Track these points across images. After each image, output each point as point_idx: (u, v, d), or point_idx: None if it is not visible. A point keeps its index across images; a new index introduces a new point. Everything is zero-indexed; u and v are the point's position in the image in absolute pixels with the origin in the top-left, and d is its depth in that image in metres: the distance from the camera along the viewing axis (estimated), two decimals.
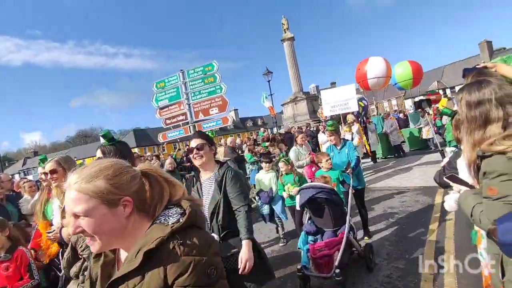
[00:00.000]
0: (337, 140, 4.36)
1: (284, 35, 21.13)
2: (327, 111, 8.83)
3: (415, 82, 14.37)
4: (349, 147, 4.24)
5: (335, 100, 8.43)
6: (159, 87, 8.24)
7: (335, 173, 3.93)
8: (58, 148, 65.41)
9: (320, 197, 3.06)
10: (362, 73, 13.44)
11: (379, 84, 13.46)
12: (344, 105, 8.32)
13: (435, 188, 5.74)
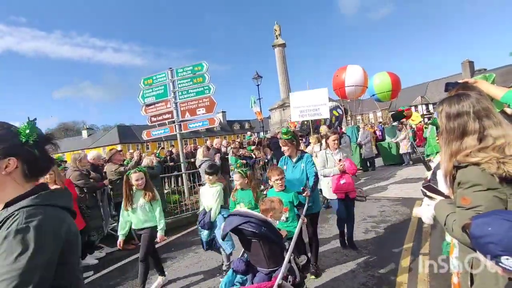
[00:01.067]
0: (293, 151, 3.50)
1: (276, 41, 21.29)
2: (296, 116, 7.90)
3: (393, 94, 13.92)
4: (306, 161, 3.44)
5: (305, 104, 7.63)
6: (147, 84, 8.11)
7: (288, 195, 3.07)
8: None
9: (246, 229, 2.28)
10: (340, 81, 13.17)
11: (356, 93, 13.21)
12: (314, 111, 7.59)
13: (413, 199, 5.88)
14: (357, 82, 12.82)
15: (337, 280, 3.31)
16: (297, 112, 7.74)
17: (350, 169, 4.01)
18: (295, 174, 3.46)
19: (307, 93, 7.77)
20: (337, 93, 13.33)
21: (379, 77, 13.86)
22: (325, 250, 4.16)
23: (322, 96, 7.61)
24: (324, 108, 7.54)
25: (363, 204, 6.32)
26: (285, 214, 2.93)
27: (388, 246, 4.04)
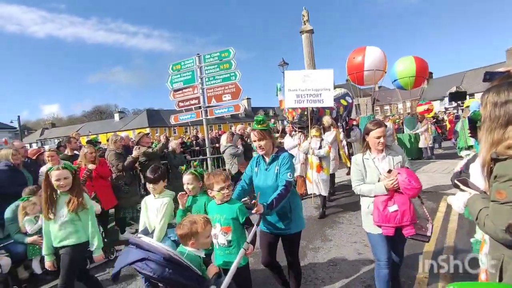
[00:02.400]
0: (269, 148, 2.55)
1: (303, 27, 20.73)
2: (290, 101, 6.02)
3: (417, 82, 12.30)
4: (281, 162, 2.47)
5: (304, 88, 5.88)
6: (175, 69, 8.32)
7: (232, 208, 2.28)
8: (74, 122, 66.93)
9: (141, 270, 1.63)
10: (357, 63, 11.55)
11: (375, 78, 11.67)
12: (315, 97, 5.84)
13: (440, 194, 5.72)
14: (377, 65, 11.34)
15: (356, 269, 3.36)
16: (292, 97, 5.93)
17: (409, 187, 2.46)
18: (268, 180, 2.50)
19: (307, 74, 6.03)
20: (352, 78, 11.87)
21: (403, 62, 12.52)
22: (345, 239, 4.20)
23: (327, 79, 5.89)
24: (327, 95, 5.84)
25: None
26: (227, 236, 2.23)
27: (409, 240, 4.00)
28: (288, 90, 6.05)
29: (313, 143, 5.52)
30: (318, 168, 5.43)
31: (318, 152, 5.38)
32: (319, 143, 5.49)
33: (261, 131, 2.51)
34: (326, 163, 5.55)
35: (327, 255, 3.77)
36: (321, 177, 5.39)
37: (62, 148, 6.57)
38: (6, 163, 4.26)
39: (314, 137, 5.55)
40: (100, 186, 4.65)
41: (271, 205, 2.25)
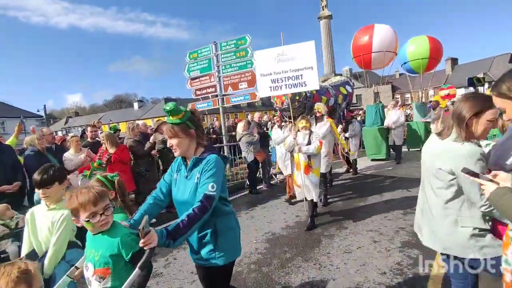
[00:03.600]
0: (185, 148, 1.82)
1: (322, 13, 20.17)
2: (265, 90, 4.87)
3: (431, 64, 10.93)
4: (203, 168, 1.75)
5: (279, 70, 4.66)
6: (192, 58, 8.37)
7: (111, 242, 1.54)
8: (96, 110, 69.12)
9: None
10: (363, 44, 10.02)
11: (384, 61, 10.11)
12: (295, 79, 4.63)
13: None
14: (386, 46, 9.82)
15: (371, 256, 3.35)
16: (266, 83, 4.77)
17: None
18: (186, 192, 1.78)
19: (282, 51, 4.65)
20: (358, 61, 10.42)
21: (415, 42, 11.09)
22: (361, 227, 4.18)
23: (307, 54, 4.53)
24: (311, 75, 4.56)
25: (404, 184, 6.12)
26: (104, 283, 1.51)
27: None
28: (260, 75, 4.78)
29: (300, 138, 4.40)
30: (306, 168, 4.37)
31: (307, 149, 4.26)
32: (307, 137, 4.37)
33: (172, 125, 1.76)
34: (317, 161, 4.44)
35: (342, 242, 3.77)
36: (311, 179, 4.38)
37: (85, 135, 6.84)
38: (32, 148, 4.48)
39: (303, 129, 4.41)
40: (120, 171, 4.82)
41: (174, 233, 1.50)
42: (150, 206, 1.91)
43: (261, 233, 4.35)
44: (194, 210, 1.60)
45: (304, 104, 5.81)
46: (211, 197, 1.65)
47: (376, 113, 9.33)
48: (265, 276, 3.15)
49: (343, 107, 7.32)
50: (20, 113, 31.68)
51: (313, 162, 4.39)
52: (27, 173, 4.39)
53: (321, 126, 5.23)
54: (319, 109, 5.30)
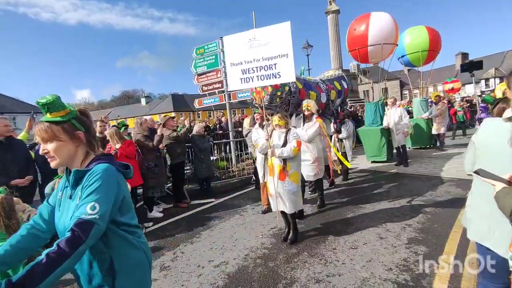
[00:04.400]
0: (66, 155, 1.33)
1: (329, 7, 19.98)
2: (235, 82, 3.96)
3: (430, 56, 10.13)
4: (85, 184, 1.24)
5: (250, 58, 3.77)
6: (199, 53, 8.38)
7: None
8: (105, 106, 69.95)
9: None
10: (360, 35, 8.80)
11: (383, 54, 8.82)
12: (268, 69, 3.69)
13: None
14: (384, 38, 8.48)
15: (377, 252, 3.35)
16: (236, 74, 3.90)
17: None
18: (68, 216, 1.28)
19: (254, 35, 3.71)
20: (354, 55, 9.39)
21: (413, 32, 10.28)
22: (367, 224, 4.18)
23: (282, 39, 3.56)
24: (285, 65, 3.58)
25: (411, 182, 6.08)
26: None
27: (435, 227, 3.91)
28: (230, 64, 3.91)
29: (275, 138, 3.80)
30: (281, 173, 3.69)
31: (280, 152, 3.61)
32: (283, 136, 3.75)
33: (50, 124, 1.30)
34: (294, 165, 3.74)
35: (348, 238, 3.78)
36: (286, 187, 3.66)
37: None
38: None
39: (277, 127, 3.82)
40: None
41: (21, 284, 1.00)
42: (21, 239, 1.34)
43: (267, 228, 4.38)
44: (58, 245, 1.09)
45: (288, 100, 4.97)
46: (89, 223, 1.14)
47: (375, 112, 8.48)
48: (271, 271, 3.18)
49: (337, 104, 6.34)
50: (31, 109, 32.19)
51: (289, 166, 3.69)
52: (38, 167, 4.50)
53: (309, 126, 4.63)
54: (308, 107, 4.66)
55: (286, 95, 4.93)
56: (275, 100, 4.81)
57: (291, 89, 5.01)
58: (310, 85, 5.46)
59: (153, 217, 5.26)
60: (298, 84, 4.86)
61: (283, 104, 4.99)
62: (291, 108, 5.11)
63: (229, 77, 4.07)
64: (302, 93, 5.20)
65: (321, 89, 5.79)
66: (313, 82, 5.82)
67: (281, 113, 3.90)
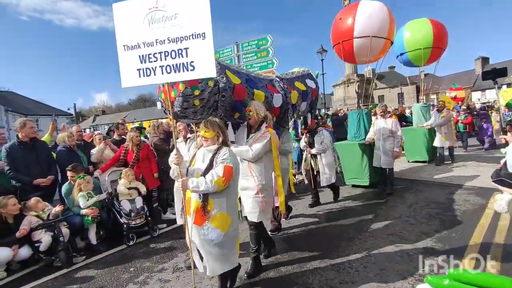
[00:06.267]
0: None
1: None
2: (130, 75, 2.69)
3: (434, 55, 8.65)
4: None
5: (151, 39, 2.56)
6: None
7: None
8: (122, 109, 71.79)
9: None
10: (346, 28, 7.00)
11: (374, 51, 6.90)
12: (177, 57, 2.52)
13: (491, 190, 5.28)
14: (375, 29, 6.70)
15: (391, 260, 3.29)
16: (132, 62, 2.67)
17: None
18: None
19: (156, 2, 2.51)
20: (337, 50, 7.50)
21: (414, 26, 8.73)
22: (381, 231, 4.10)
23: (196, 12, 2.43)
24: (201, 51, 2.46)
25: (427, 188, 5.94)
26: None
27: (452, 236, 3.80)
28: (123, 48, 2.66)
29: (198, 159, 2.74)
30: (198, 215, 2.57)
31: (196, 184, 2.43)
32: (209, 157, 2.61)
33: None
34: (222, 203, 2.58)
35: (362, 245, 3.72)
36: (207, 236, 2.53)
37: (111, 133, 7.14)
38: (64, 144, 4.78)
39: (204, 141, 2.68)
40: (145, 167, 5.01)
41: None
42: None
43: (279, 232, 4.37)
44: None
45: (213, 103, 3.15)
46: None
47: (358, 123, 6.60)
48: (282, 276, 3.17)
49: (302, 109, 4.54)
50: (53, 111, 33.46)
51: (212, 204, 2.53)
52: (59, 167, 4.68)
53: (255, 139, 3.17)
54: (250, 112, 3.19)
55: (209, 94, 3.07)
56: (191, 102, 2.98)
57: (218, 85, 3.11)
58: (255, 81, 3.68)
59: (167, 218, 5.35)
60: (232, 77, 3.26)
61: (207, 108, 3.14)
62: (220, 113, 3.25)
63: (122, 67, 2.68)
64: (239, 91, 3.32)
65: (275, 89, 3.95)
66: (263, 78, 4.04)
67: (210, 120, 2.71)
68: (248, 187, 3.19)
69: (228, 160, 2.50)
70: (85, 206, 4.13)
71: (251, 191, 3.17)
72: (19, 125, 4.25)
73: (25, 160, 4.18)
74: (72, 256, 3.87)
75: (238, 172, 2.71)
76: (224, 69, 3.19)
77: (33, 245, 3.73)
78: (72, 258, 3.85)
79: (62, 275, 3.57)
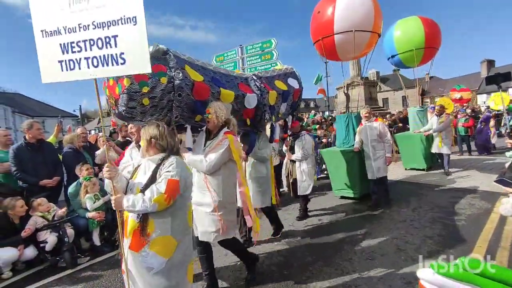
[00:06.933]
0: None
1: None
2: (52, 71, 2.14)
3: (427, 55, 8.11)
4: None
5: (73, 24, 2.01)
6: (218, 61, 8.55)
7: None
8: None
9: None
10: (325, 22, 6.30)
11: (359, 47, 6.23)
12: (102, 47, 2.00)
13: (497, 194, 5.24)
14: (358, 22, 5.96)
15: (395, 264, 3.27)
16: (52, 52, 2.10)
17: None
18: None
19: None
20: (318, 47, 6.76)
21: (404, 25, 8.16)
22: (384, 235, 4.09)
23: None
24: (133, 40, 1.94)
25: (432, 192, 5.90)
26: None
27: (457, 240, 3.77)
28: (41, 34, 2.12)
29: (140, 171, 2.21)
30: (135, 238, 2.08)
31: (132, 203, 1.98)
32: (152, 169, 2.12)
33: None
34: (164, 224, 2.07)
35: (365, 249, 3.71)
36: (144, 263, 2.05)
37: (115, 135, 7.20)
38: (70, 146, 4.82)
39: (145, 153, 2.23)
40: None
41: None
42: None
43: (282, 235, 4.37)
44: None
45: (167, 103, 2.65)
46: None
47: (347, 128, 5.92)
48: (285, 279, 3.17)
49: (282, 111, 4.09)
50: (59, 113, 33.81)
51: (153, 226, 2.04)
52: (65, 168, 4.72)
53: (212, 147, 2.73)
54: (209, 115, 2.75)
55: (162, 92, 2.56)
56: (138, 101, 2.49)
57: (173, 81, 2.60)
58: (224, 79, 3.22)
59: None
60: (192, 74, 2.78)
61: (159, 108, 2.63)
62: (176, 114, 2.73)
63: (40, 58, 2.18)
64: (200, 89, 2.80)
65: (249, 88, 3.48)
66: (236, 76, 3.54)
67: (154, 124, 2.22)
68: (204, 203, 2.76)
69: (173, 173, 2.02)
70: (92, 208, 4.15)
71: (206, 208, 2.74)
72: (26, 127, 4.31)
73: (32, 161, 4.23)
74: (76, 257, 3.89)
75: (189, 186, 2.25)
76: (182, 63, 2.76)
77: (39, 245, 3.78)
78: (77, 259, 3.88)
79: (67, 275, 3.59)
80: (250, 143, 3.69)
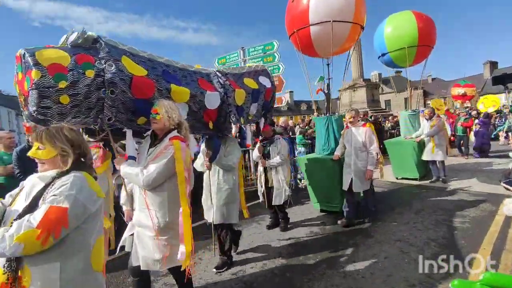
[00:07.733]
0: None
1: None
2: None
3: (420, 54, 7.33)
4: None
5: None
6: (221, 63, 8.59)
7: None
8: None
9: None
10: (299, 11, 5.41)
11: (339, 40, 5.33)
12: None
13: (502, 196, 5.19)
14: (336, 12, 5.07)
15: (398, 267, 3.25)
16: None
17: None
18: None
19: None
20: (294, 41, 5.86)
21: (395, 21, 7.40)
22: (388, 237, 4.06)
23: None
24: None
25: (435, 194, 5.87)
26: None
27: (461, 242, 3.74)
28: None
29: (21, 196, 1.53)
30: None
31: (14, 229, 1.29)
32: (34, 193, 1.45)
33: None
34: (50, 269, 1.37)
35: (368, 251, 3.69)
36: None
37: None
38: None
39: (39, 163, 1.60)
40: None
41: None
42: None
43: (285, 237, 4.35)
44: None
45: (96, 101, 2.15)
46: None
47: (327, 132, 5.32)
48: (288, 281, 3.15)
49: (253, 113, 3.63)
50: None
51: (28, 276, 1.36)
52: None
53: (154, 156, 2.25)
54: (158, 115, 2.27)
55: (88, 88, 2.07)
56: (54, 99, 1.95)
57: (104, 75, 2.13)
58: (177, 74, 2.72)
59: None
60: (131, 66, 2.29)
61: (84, 109, 2.13)
62: (109, 116, 2.23)
63: None
64: (140, 85, 2.31)
65: (211, 86, 3.02)
66: (195, 71, 3.01)
67: (51, 131, 1.57)
68: (144, 225, 2.28)
69: (60, 198, 1.36)
70: None
71: (148, 231, 2.26)
72: None
73: (35, 164, 4.23)
74: None
75: (96, 214, 1.52)
76: (118, 54, 2.24)
77: None
78: None
79: None
80: (214, 149, 3.26)
